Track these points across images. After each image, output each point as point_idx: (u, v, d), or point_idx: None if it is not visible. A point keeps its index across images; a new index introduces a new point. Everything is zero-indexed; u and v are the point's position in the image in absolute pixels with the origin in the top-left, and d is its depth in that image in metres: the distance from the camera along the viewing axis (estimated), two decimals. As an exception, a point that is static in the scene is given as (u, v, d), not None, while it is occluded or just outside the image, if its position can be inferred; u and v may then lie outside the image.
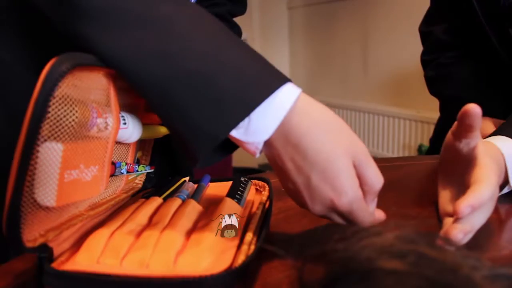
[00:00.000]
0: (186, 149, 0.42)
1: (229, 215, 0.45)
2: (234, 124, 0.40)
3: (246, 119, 0.40)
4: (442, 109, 1.16)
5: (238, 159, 2.68)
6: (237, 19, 0.94)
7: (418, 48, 1.19)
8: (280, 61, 3.86)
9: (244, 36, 3.54)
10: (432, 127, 2.49)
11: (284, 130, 0.42)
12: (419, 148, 2.41)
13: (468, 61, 1.03)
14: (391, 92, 2.86)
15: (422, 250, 0.28)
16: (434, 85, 1.12)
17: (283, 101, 0.42)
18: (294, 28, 3.74)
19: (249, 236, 0.45)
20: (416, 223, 0.29)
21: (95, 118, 0.40)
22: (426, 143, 2.49)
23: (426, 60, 1.13)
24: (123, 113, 0.49)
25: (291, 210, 0.61)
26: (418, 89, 2.65)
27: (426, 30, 1.12)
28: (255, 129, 0.41)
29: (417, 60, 2.75)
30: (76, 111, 0.37)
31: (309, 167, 0.42)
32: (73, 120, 0.37)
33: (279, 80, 0.43)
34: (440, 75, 1.07)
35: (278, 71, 0.44)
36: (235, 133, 0.41)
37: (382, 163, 0.93)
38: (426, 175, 0.81)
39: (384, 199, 0.66)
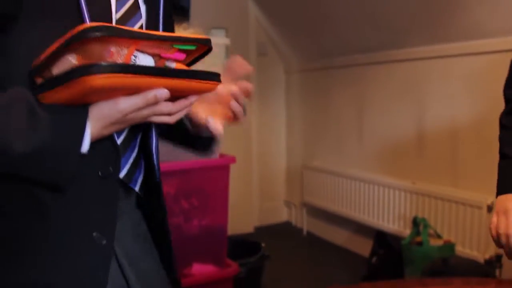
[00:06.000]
0: None
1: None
2: None
3: None
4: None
5: (232, 227, 2.62)
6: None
7: (413, 118, 1.22)
8: (277, 124, 3.90)
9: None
10: (427, 200, 2.47)
11: None
12: (414, 221, 2.37)
13: None
14: (386, 161, 2.86)
15: None
16: None
17: None
18: (291, 92, 3.81)
19: None
20: None
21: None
22: (421, 215, 2.46)
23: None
24: (137, 52, 0.65)
25: None
26: (414, 160, 2.66)
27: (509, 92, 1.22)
28: None
29: (413, 130, 2.78)
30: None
31: None
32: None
33: None
34: None
35: None
36: None
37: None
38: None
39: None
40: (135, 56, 0.64)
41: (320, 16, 3.04)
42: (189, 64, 0.75)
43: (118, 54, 0.62)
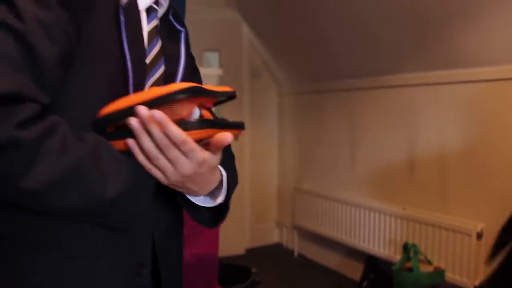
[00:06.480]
0: None
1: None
2: None
3: None
4: None
5: (223, 248, 2.62)
6: (227, 103, 0.97)
7: (405, 143, 1.21)
8: (269, 146, 3.91)
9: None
10: (417, 226, 2.48)
11: None
12: (405, 246, 2.38)
13: None
14: (377, 186, 2.87)
15: None
16: None
17: None
18: (283, 115, 3.83)
19: None
20: None
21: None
22: (411, 241, 2.47)
23: None
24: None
25: None
26: (404, 185, 2.68)
27: None
28: None
29: (404, 156, 2.80)
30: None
31: None
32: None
33: None
34: None
35: None
36: None
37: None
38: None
39: None
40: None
41: (314, 40, 3.08)
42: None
43: (188, 107, 0.67)
